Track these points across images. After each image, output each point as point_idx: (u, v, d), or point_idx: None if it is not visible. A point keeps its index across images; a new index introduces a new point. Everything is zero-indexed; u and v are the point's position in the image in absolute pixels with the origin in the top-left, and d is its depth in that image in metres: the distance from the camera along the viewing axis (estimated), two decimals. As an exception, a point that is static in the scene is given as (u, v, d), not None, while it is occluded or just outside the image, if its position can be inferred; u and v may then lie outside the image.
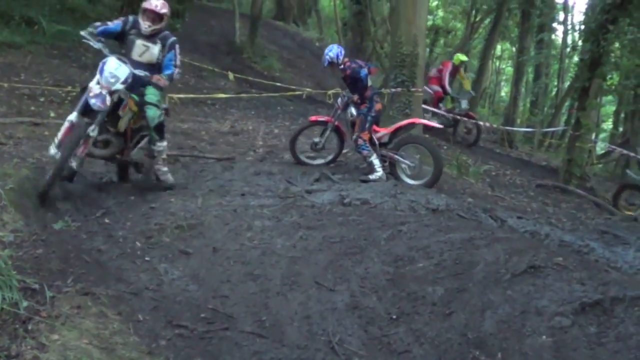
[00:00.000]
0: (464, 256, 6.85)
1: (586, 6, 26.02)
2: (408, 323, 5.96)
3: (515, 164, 19.96)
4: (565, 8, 35.32)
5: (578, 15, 35.89)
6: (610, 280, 6.04)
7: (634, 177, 16.17)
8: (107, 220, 7.93)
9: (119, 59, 8.66)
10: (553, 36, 37.30)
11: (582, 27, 27.85)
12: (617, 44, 19.71)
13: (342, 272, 6.80)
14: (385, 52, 28.58)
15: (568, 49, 33.03)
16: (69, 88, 14.21)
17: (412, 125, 12.27)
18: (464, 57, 20.56)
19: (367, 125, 11.65)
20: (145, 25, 9.02)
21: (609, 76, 22.13)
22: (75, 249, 6.85)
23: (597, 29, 16.34)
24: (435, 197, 9.93)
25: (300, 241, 7.50)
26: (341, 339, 5.78)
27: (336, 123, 12.13)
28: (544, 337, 5.32)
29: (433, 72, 20.33)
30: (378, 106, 11.88)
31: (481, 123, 20.59)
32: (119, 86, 8.47)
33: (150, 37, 9.13)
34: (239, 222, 8.00)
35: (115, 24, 9.18)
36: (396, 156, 11.71)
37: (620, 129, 31.28)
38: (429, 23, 31.99)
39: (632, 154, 16.95)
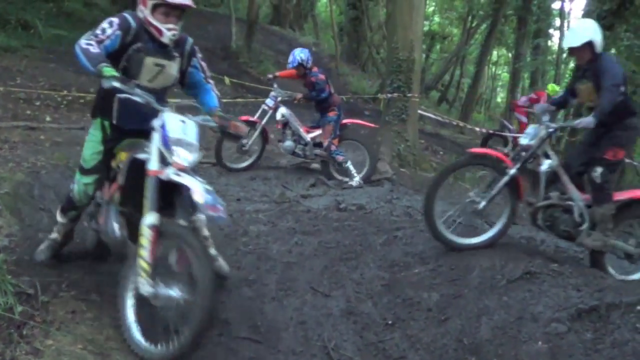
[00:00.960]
0: (460, 262, 6.84)
1: (582, 12, 26.03)
2: (403, 329, 5.96)
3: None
4: (562, 14, 35.35)
5: (574, 22, 35.77)
6: (606, 286, 6.03)
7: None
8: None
9: (174, 110, 5.46)
10: (549, 42, 37.41)
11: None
12: (613, 50, 19.73)
13: (337, 277, 6.79)
14: (381, 58, 28.70)
15: (564, 55, 33.03)
16: (65, 92, 14.19)
17: (345, 125, 12.38)
18: (558, 88, 19.33)
19: (337, 132, 11.85)
20: (166, 29, 5.55)
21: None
22: (70, 253, 6.82)
23: (594, 35, 16.34)
24: (431, 202, 9.91)
25: (296, 246, 7.49)
26: (336, 345, 5.78)
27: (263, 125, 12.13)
28: (540, 343, 5.31)
29: (523, 100, 19.17)
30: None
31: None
32: (198, 157, 5.36)
33: (166, 47, 5.70)
34: (235, 227, 7.98)
35: (111, 39, 5.46)
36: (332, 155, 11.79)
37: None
38: (426, 29, 32.06)
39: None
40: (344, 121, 12.32)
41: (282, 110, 12.21)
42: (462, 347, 5.56)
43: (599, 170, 6.91)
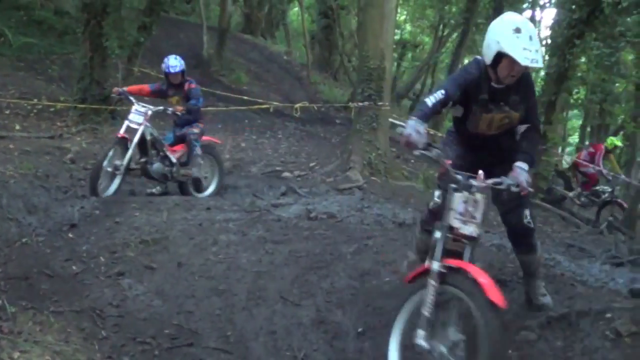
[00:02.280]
0: (430, 270, 6.85)
1: (552, 21, 26.20)
2: (374, 338, 5.94)
3: (483, 177, 20.02)
4: (532, 22, 35.60)
5: (545, 30, 36.02)
6: (576, 294, 6.07)
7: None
8: (71, 235, 7.83)
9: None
10: (520, 50, 37.55)
11: (549, 41, 28.00)
12: (583, 59, 19.85)
13: (307, 286, 6.77)
14: (353, 66, 28.68)
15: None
16: (35, 101, 14.13)
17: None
18: (618, 142, 19.07)
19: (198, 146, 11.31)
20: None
21: (575, 90, 22.30)
22: (39, 264, 6.78)
23: (564, 43, 16.45)
24: (402, 210, 9.94)
25: (266, 255, 7.46)
26: (306, 354, 5.77)
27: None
28: (510, 351, 5.31)
29: (584, 154, 18.38)
30: None
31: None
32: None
33: None
34: (204, 237, 7.94)
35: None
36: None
37: (587, 143, 31.55)
38: (397, 37, 32.15)
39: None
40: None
41: (150, 129, 10.70)
42: (433, 356, 5.55)
43: None
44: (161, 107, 10.88)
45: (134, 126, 10.31)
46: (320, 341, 5.95)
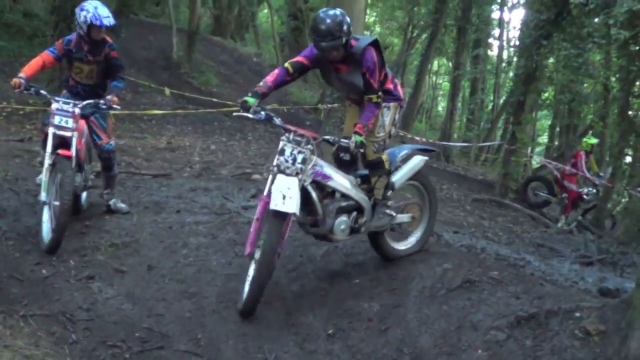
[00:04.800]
0: (400, 271, 6.88)
1: (521, 22, 26.41)
2: (344, 339, 5.97)
3: (452, 178, 20.17)
4: (501, 24, 35.77)
5: (513, 31, 36.24)
6: (545, 293, 6.10)
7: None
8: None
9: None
10: (489, 51, 37.77)
11: (517, 42, 28.21)
12: (551, 59, 20.02)
13: (278, 288, 6.78)
14: (322, 68, 28.69)
15: (503, 64, 33.35)
16: (4, 104, 14.04)
17: None
18: (593, 140, 18.42)
19: None
20: None
21: (544, 91, 22.46)
22: (8, 268, 6.75)
23: (532, 44, 16.63)
24: (372, 212, 9.97)
25: (236, 258, 7.47)
26: (277, 357, 5.78)
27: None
28: (480, 351, 5.35)
29: (568, 169, 17.82)
30: None
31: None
32: None
33: None
34: (175, 240, 7.94)
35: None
36: None
37: (556, 143, 31.72)
38: (366, 39, 32.10)
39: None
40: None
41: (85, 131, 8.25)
42: (403, 356, 5.58)
43: None
44: (91, 101, 7.98)
45: (65, 133, 7.69)
46: (290, 343, 5.97)
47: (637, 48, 14.80)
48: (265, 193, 6.19)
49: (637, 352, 4.77)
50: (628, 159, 19.09)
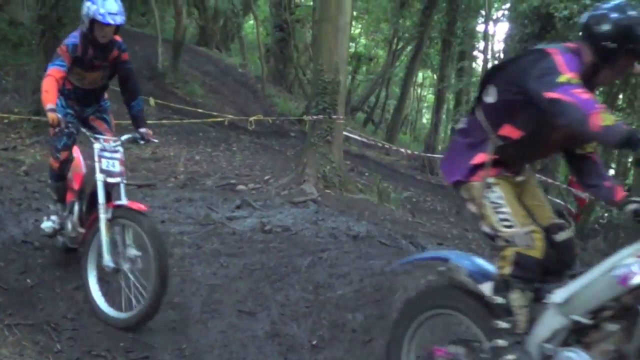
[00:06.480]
0: (384, 283, 6.91)
1: (505, 35, 26.53)
2: (328, 350, 6.00)
3: (436, 190, 20.19)
4: (486, 36, 35.88)
5: (498, 44, 36.36)
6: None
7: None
8: (25, 248, 7.79)
9: None
10: (473, 64, 37.96)
11: (502, 55, 28.33)
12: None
13: (262, 299, 6.81)
14: (308, 79, 28.77)
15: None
16: (-12, 113, 14.03)
17: None
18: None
19: None
20: None
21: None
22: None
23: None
24: (356, 223, 10.00)
25: (221, 269, 7.48)
26: (261, 367, 5.80)
27: None
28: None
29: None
30: None
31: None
32: None
33: None
34: (159, 250, 7.94)
35: None
36: None
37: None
38: (351, 50, 32.24)
39: (550, 180, 17.24)
40: None
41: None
42: (386, 367, 5.61)
43: None
44: (129, 135, 6.86)
45: (114, 180, 6.52)
46: (275, 354, 5.99)
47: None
48: None
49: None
50: (611, 172, 19.17)
